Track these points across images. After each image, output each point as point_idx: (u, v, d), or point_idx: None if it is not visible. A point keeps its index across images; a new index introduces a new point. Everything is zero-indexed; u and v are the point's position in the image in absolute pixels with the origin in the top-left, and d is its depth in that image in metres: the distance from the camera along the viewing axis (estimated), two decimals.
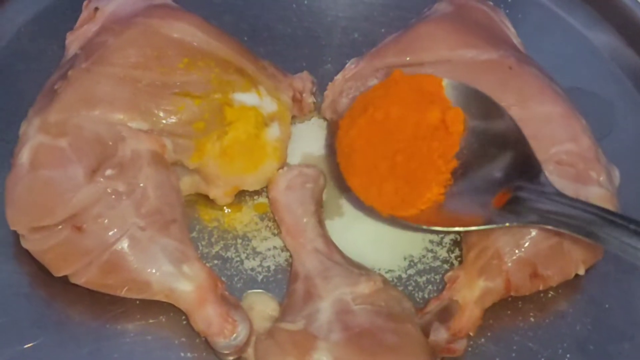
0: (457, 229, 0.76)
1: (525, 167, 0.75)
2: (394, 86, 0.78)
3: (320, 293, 0.76)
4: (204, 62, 0.81)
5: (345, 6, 1.01)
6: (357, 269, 0.79)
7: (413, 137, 0.75)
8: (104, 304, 0.78)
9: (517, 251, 0.77)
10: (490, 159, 0.76)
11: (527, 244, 0.77)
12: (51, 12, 0.98)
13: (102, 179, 0.75)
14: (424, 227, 0.77)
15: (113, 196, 0.74)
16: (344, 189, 0.86)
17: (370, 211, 0.80)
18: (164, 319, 0.78)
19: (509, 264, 0.77)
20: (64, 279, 0.76)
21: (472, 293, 0.77)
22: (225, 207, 0.85)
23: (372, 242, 0.84)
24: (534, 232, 0.77)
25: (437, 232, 0.84)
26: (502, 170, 0.76)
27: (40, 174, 0.75)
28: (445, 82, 0.78)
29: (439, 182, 0.76)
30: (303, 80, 0.89)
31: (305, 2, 1.01)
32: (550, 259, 0.78)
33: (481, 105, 0.78)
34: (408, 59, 0.84)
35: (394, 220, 0.79)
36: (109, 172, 0.75)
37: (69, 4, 0.95)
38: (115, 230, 0.74)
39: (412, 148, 0.75)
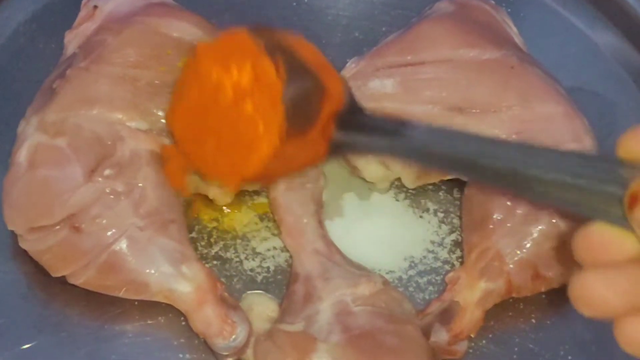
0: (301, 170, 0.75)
1: (341, 95, 0.71)
2: (200, 61, 0.72)
3: (320, 294, 0.76)
4: None
5: (346, 5, 1.00)
6: (357, 270, 0.78)
7: (234, 102, 0.70)
8: (103, 305, 0.77)
9: (518, 252, 0.77)
10: (310, 93, 0.71)
11: (528, 245, 0.77)
12: (50, 10, 0.97)
13: (100, 179, 0.74)
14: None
15: (111, 196, 0.74)
16: (345, 189, 0.87)
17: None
18: (162, 320, 0.77)
19: (511, 265, 0.77)
20: (62, 280, 0.75)
21: (473, 294, 0.76)
22: (224, 207, 0.84)
23: (373, 243, 0.83)
24: (535, 233, 0.77)
25: None
26: (319, 101, 0.71)
27: (38, 173, 0.74)
28: (249, 32, 0.72)
29: (272, 131, 0.69)
30: None
31: (306, 0, 1.01)
32: (552, 260, 0.77)
33: (288, 43, 0.72)
34: (409, 58, 0.84)
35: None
36: (107, 172, 0.74)
37: (68, 2, 0.94)
38: (114, 230, 0.73)
39: (235, 113, 0.70)
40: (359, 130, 0.69)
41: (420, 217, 0.85)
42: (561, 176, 0.57)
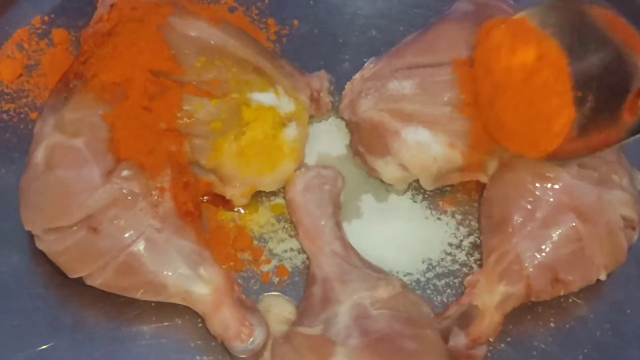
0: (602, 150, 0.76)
1: None
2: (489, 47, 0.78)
3: (338, 297, 0.75)
4: (221, 61, 0.80)
5: (364, 3, 0.99)
6: (375, 273, 0.78)
7: (524, 81, 0.74)
8: (119, 306, 0.77)
9: (538, 256, 0.76)
10: (609, 66, 0.73)
11: (548, 249, 0.76)
12: (67, 6, 0.96)
13: (118, 180, 0.73)
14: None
15: (129, 197, 0.73)
16: (362, 190, 0.86)
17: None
18: (179, 322, 0.77)
19: (530, 269, 0.76)
20: (79, 280, 0.75)
21: (492, 298, 0.76)
22: (241, 208, 0.84)
23: (391, 244, 0.83)
24: (555, 237, 0.76)
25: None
26: (627, 76, 0.73)
27: (56, 174, 0.74)
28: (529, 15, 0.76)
29: (566, 103, 0.73)
30: (320, 79, 0.88)
31: None
32: (572, 264, 0.77)
33: (593, 16, 0.75)
34: (428, 59, 0.83)
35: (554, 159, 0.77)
36: (125, 173, 0.74)
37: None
38: (132, 232, 0.73)
39: (527, 91, 0.74)
40: None
41: (438, 219, 0.85)
42: None
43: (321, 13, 0.98)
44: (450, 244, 0.83)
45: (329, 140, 0.89)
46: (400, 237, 0.83)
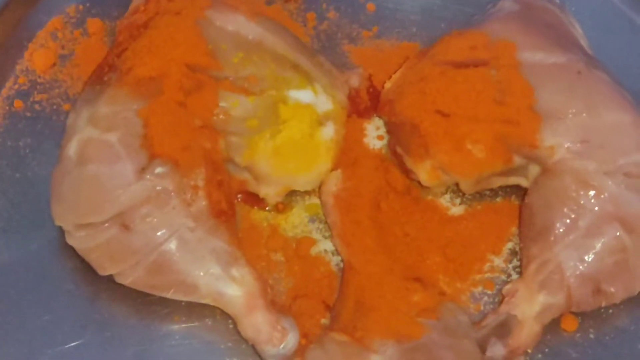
0: None
1: None
2: None
3: (373, 303, 0.73)
4: (259, 56, 0.78)
5: None
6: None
7: None
8: (149, 305, 0.76)
9: (580, 266, 0.74)
10: None
11: (591, 259, 0.74)
12: None
13: (151, 177, 0.72)
14: None
15: (162, 195, 0.72)
16: None
17: None
18: (210, 322, 0.76)
19: (572, 279, 0.74)
20: (109, 277, 0.73)
21: (531, 308, 0.74)
22: (275, 208, 0.82)
23: None
24: (598, 247, 0.74)
25: None
26: None
27: (88, 169, 0.73)
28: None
29: None
30: (359, 77, 0.86)
31: None
32: (615, 275, 0.74)
33: None
34: (471, 58, 0.80)
35: None
36: (158, 169, 0.72)
37: None
38: (164, 230, 0.72)
39: None
40: None
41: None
42: None
43: (359, 8, 0.95)
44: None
45: (366, 140, 0.86)
46: None
